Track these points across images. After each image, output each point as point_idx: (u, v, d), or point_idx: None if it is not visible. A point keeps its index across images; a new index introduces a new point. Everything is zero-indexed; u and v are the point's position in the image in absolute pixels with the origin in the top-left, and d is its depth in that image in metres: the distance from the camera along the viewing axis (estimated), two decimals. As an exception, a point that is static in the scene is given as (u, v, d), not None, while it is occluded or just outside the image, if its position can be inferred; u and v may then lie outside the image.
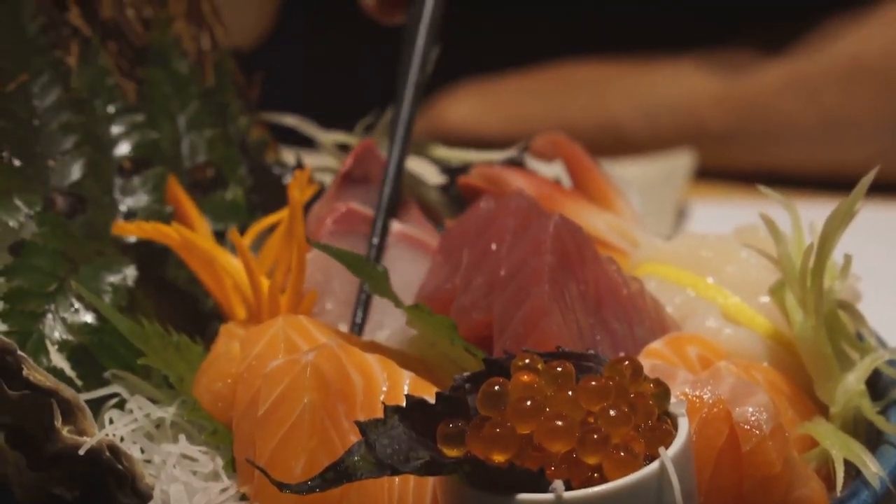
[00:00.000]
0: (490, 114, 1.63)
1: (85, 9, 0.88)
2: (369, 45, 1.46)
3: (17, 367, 0.69)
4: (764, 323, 0.79)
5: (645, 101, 1.59)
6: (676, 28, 1.61)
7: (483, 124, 1.63)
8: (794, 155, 1.53)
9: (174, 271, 0.86)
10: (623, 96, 1.60)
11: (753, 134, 1.53)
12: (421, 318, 0.75)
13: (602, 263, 0.80)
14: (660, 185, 1.45)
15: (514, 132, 1.59)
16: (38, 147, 0.82)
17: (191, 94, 0.91)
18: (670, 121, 1.57)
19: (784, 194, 1.51)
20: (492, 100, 1.64)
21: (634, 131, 1.59)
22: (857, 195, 0.75)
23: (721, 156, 1.54)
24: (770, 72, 1.53)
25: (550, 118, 1.60)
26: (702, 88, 1.56)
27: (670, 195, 1.42)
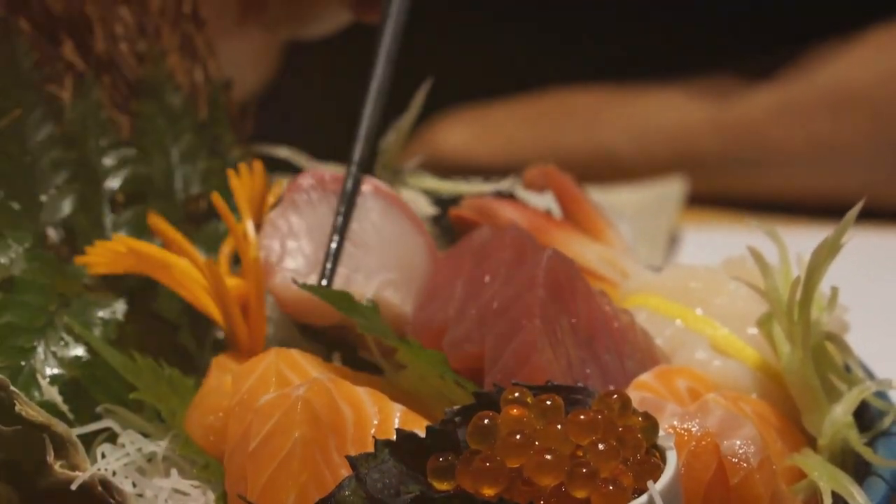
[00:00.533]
0: (483, 140, 1.64)
1: (79, 43, 0.89)
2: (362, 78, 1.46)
3: (10, 403, 0.69)
4: (753, 354, 0.80)
5: (637, 127, 1.60)
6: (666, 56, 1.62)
7: (476, 150, 1.64)
8: (786, 181, 1.54)
9: (165, 305, 0.86)
10: (615, 123, 1.61)
11: (745, 160, 1.54)
12: (412, 352, 0.76)
13: (593, 296, 0.81)
14: (652, 211, 1.46)
15: (506, 158, 1.61)
16: (30, 183, 0.83)
17: (184, 126, 0.92)
18: (662, 147, 1.59)
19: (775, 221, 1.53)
20: (484, 126, 1.65)
21: (627, 157, 1.60)
22: (843, 228, 0.75)
23: (713, 182, 1.55)
24: (761, 98, 1.54)
25: (543, 144, 1.61)
26: (693, 115, 1.57)
27: (663, 221, 1.43)
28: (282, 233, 0.81)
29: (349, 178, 0.84)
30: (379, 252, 0.83)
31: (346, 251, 0.82)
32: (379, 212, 0.84)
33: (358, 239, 0.82)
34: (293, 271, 0.80)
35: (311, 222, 0.82)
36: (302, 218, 0.82)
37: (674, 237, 1.45)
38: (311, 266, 0.81)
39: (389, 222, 0.84)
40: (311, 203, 0.83)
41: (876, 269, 1.32)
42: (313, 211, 0.83)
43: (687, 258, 1.40)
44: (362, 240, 0.83)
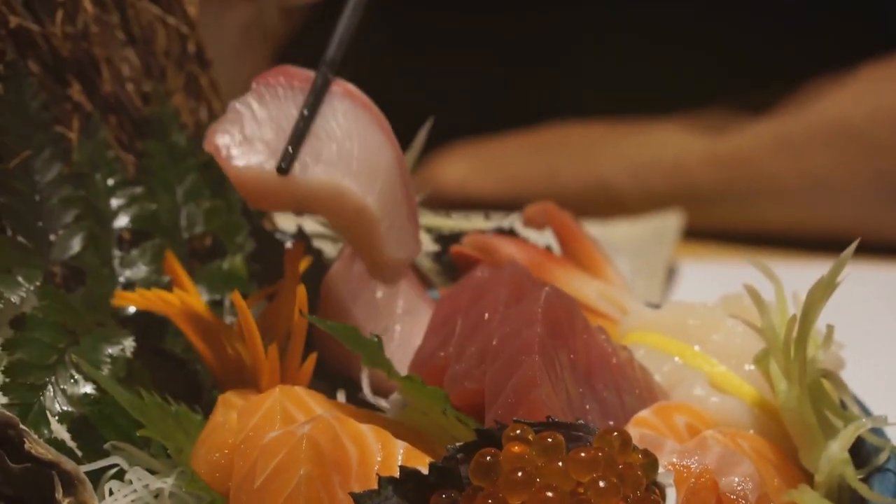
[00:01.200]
0: (482, 174, 1.66)
1: (86, 84, 0.91)
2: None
3: (19, 441, 0.70)
4: (750, 391, 0.81)
5: (634, 161, 1.62)
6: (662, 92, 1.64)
7: (476, 184, 1.65)
8: (782, 215, 1.55)
9: (172, 341, 0.87)
10: (613, 157, 1.63)
11: (741, 194, 1.56)
12: (414, 389, 0.77)
13: (592, 333, 0.82)
14: (650, 245, 1.48)
15: (506, 192, 1.62)
16: (40, 222, 0.84)
17: (189, 165, 0.93)
18: (660, 181, 1.60)
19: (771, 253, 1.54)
20: (484, 160, 1.67)
21: (625, 191, 1.62)
22: (838, 267, 0.77)
23: (709, 215, 1.57)
24: (756, 132, 1.56)
25: (542, 178, 1.63)
26: (690, 149, 1.59)
27: (661, 255, 1.44)
28: (243, 120, 0.80)
29: (319, 75, 0.83)
30: (341, 146, 0.81)
31: (308, 141, 0.80)
32: (345, 111, 0.83)
33: (321, 132, 0.81)
34: (253, 156, 0.79)
35: (275, 114, 0.81)
36: (265, 108, 0.81)
37: (671, 270, 1.47)
38: (271, 153, 0.79)
39: (355, 121, 0.83)
40: (276, 96, 0.82)
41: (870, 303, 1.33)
42: (278, 104, 0.82)
43: (684, 291, 1.41)
44: (326, 133, 0.82)
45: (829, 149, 1.50)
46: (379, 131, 0.84)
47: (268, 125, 0.80)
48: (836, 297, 0.79)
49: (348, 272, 0.90)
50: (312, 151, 0.80)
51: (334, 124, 0.81)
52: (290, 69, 0.84)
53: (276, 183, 0.78)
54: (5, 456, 0.70)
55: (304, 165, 0.79)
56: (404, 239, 0.85)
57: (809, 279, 0.78)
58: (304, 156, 0.80)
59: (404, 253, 0.85)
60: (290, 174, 0.79)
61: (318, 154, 0.80)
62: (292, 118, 0.81)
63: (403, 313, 0.91)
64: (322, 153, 0.80)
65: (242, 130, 0.80)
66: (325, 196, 0.80)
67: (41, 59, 0.88)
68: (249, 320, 0.80)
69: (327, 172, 0.80)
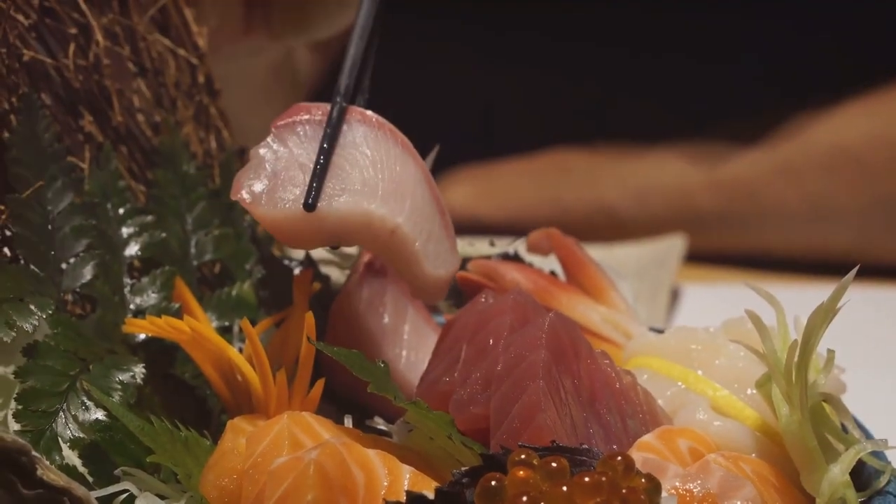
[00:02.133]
0: (487, 199, 1.67)
1: (97, 115, 0.92)
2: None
3: (32, 467, 0.71)
4: (752, 415, 0.82)
5: (637, 185, 1.63)
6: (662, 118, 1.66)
7: (480, 208, 1.67)
8: (783, 238, 1.57)
9: (182, 367, 0.88)
10: (615, 181, 1.65)
11: (742, 218, 1.57)
12: (420, 414, 0.78)
13: (595, 358, 0.83)
14: (654, 268, 1.49)
15: (511, 216, 1.64)
16: (52, 250, 0.85)
17: (198, 194, 0.95)
18: (662, 204, 1.62)
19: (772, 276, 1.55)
20: (488, 185, 1.68)
21: (627, 215, 1.63)
22: (838, 293, 0.78)
23: (712, 239, 1.58)
24: (756, 158, 1.57)
25: (546, 203, 1.64)
26: (691, 173, 1.61)
27: (665, 278, 1.45)
28: (266, 164, 0.81)
29: (334, 107, 0.84)
30: (365, 172, 0.83)
31: (331, 173, 0.81)
32: (365, 136, 0.84)
33: (344, 162, 0.83)
34: (280, 198, 0.80)
35: (297, 152, 0.82)
36: (287, 148, 0.82)
37: (675, 292, 1.48)
38: (297, 193, 0.81)
39: (376, 145, 0.84)
40: (296, 135, 0.83)
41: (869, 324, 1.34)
42: (299, 142, 0.83)
43: (687, 313, 1.42)
44: (348, 162, 0.83)
45: (827, 174, 1.52)
46: (401, 150, 0.85)
47: (291, 165, 0.82)
48: (838, 319, 0.80)
49: (356, 298, 0.92)
50: (337, 182, 0.81)
51: (355, 152, 0.82)
52: (306, 105, 0.85)
53: (305, 220, 0.80)
54: (18, 482, 0.71)
55: (330, 198, 0.81)
56: (442, 254, 0.86)
57: (810, 301, 0.79)
58: (328, 188, 0.81)
59: (444, 269, 0.86)
60: (318, 209, 0.80)
61: (343, 184, 0.81)
62: (314, 153, 0.82)
63: (410, 338, 0.93)
64: (347, 183, 0.82)
65: (267, 174, 0.81)
66: (355, 225, 0.81)
67: (54, 91, 0.90)
68: (258, 347, 0.82)
69: (354, 201, 0.81)
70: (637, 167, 1.65)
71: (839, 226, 1.53)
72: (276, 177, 0.81)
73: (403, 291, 0.93)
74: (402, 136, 0.86)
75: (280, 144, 0.82)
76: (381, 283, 0.92)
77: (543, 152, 1.71)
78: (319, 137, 0.83)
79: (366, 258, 0.92)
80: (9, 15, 0.86)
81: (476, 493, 0.67)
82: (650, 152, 1.65)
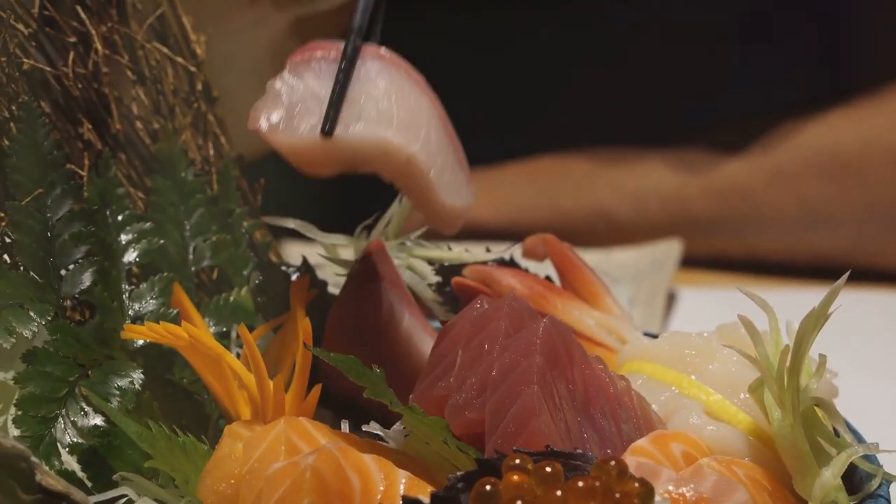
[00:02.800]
0: (484, 203, 1.68)
1: (96, 123, 0.93)
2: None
3: (31, 472, 0.72)
4: (745, 419, 0.83)
5: (633, 189, 1.64)
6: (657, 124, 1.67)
7: (478, 214, 1.67)
8: (778, 243, 1.57)
9: (180, 372, 0.89)
10: (612, 185, 1.65)
11: (738, 223, 1.58)
12: (416, 419, 0.79)
13: (590, 363, 0.84)
14: (651, 272, 1.49)
15: (508, 221, 1.65)
16: (51, 257, 0.86)
17: (197, 201, 0.96)
18: (658, 209, 1.62)
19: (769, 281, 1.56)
20: (485, 190, 1.69)
21: (625, 220, 1.64)
22: (830, 298, 0.79)
23: (708, 243, 1.59)
24: (751, 163, 1.58)
25: (542, 208, 1.65)
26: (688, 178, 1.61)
27: (661, 282, 1.46)
28: (283, 97, 0.82)
29: (348, 43, 0.85)
30: (380, 104, 0.84)
31: (347, 105, 0.83)
32: (379, 72, 0.85)
33: (359, 95, 0.84)
34: (297, 126, 0.82)
35: (313, 84, 0.83)
36: (303, 81, 0.83)
37: (671, 296, 1.48)
38: (314, 121, 0.82)
39: (390, 80, 0.85)
40: (311, 69, 0.84)
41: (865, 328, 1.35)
42: (314, 76, 0.84)
43: (683, 317, 1.43)
44: (363, 95, 0.84)
45: (822, 179, 1.53)
46: (415, 87, 0.87)
47: (307, 96, 0.83)
48: (832, 323, 0.81)
49: (353, 303, 0.92)
50: (353, 113, 0.83)
51: (370, 86, 0.83)
52: (321, 43, 0.86)
53: (323, 147, 0.81)
54: (17, 487, 0.72)
55: (347, 126, 0.82)
56: (456, 186, 0.88)
57: (806, 305, 0.80)
58: (345, 117, 0.82)
59: (459, 200, 0.88)
60: (335, 136, 0.81)
61: (359, 114, 0.83)
62: (330, 86, 0.83)
63: (407, 343, 0.93)
64: (362, 113, 0.83)
65: (284, 105, 0.82)
66: (371, 151, 0.83)
67: (53, 99, 0.90)
68: (255, 353, 0.82)
69: (370, 129, 0.82)
70: (636, 171, 1.66)
71: (834, 231, 1.53)
72: (293, 107, 0.82)
73: (400, 297, 0.94)
74: (417, 74, 0.88)
75: (296, 78, 0.84)
76: (377, 289, 0.93)
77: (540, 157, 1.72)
78: (335, 72, 0.84)
79: (362, 264, 0.93)
80: (9, 24, 0.87)
81: (471, 497, 0.68)
82: (648, 157, 1.66)
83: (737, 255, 1.58)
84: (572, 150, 1.71)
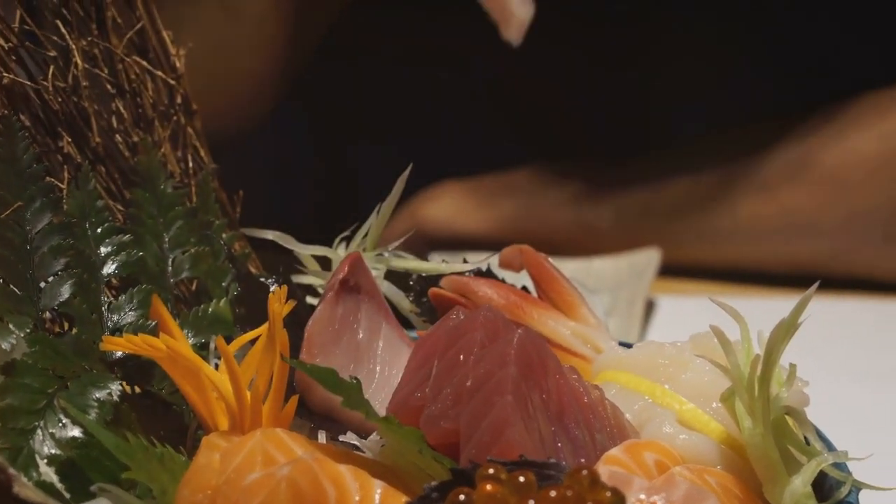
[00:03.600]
0: (466, 211, 1.69)
1: (76, 136, 0.94)
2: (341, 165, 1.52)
3: (9, 484, 0.72)
4: (717, 428, 0.84)
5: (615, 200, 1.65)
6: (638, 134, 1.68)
7: (460, 222, 1.68)
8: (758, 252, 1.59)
9: (158, 383, 0.90)
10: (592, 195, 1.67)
11: (718, 231, 1.59)
12: (391, 430, 0.80)
13: (564, 373, 0.85)
14: (631, 280, 1.51)
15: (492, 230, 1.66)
16: (30, 270, 0.87)
17: (176, 213, 0.96)
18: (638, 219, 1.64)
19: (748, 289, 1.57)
20: (470, 199, 1.70)
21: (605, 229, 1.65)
22: (799, 308, 0.80)
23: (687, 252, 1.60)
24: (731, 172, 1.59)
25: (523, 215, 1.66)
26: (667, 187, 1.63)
27: (640, 290, 1.47)
28: None
29: None
30: None
31: None
32: None
33: None
34: None
35: None
36: None
37: (650, 305, 1.50)
38: None
39: None
40: None
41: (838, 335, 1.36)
42: None
43: (662, 325, 1.44)
44: None
45: (801, 189, 1.54)
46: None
47: None
48: (808, 329, 0.82)
49: (332, 315, 0.93)
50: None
51: None
52: None
53: None
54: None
55: None
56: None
57: (784, 313, 0.81)
58: None
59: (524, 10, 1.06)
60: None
61: None
62: None
63: (384, 354, 0.94)
64: None
65: None
66: None
67: (33, 113, 0.91)
68: (233, 364, 0.83)
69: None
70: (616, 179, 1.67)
71: (813, 240, 1.55)
72: None
73: (377, 308, 0.95)
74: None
75: None
76: (355, 301, 0.94)
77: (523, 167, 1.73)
78: None
79: (340, 276, 0.93)
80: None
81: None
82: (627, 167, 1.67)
83: (717, 264, 1.59)
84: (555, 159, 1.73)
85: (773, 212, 1.56)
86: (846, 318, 1.42)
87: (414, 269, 1.02)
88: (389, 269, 1.01)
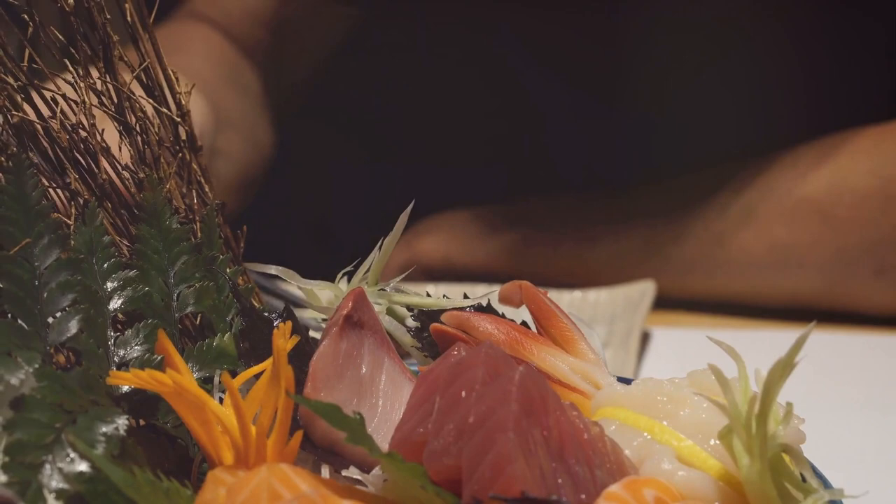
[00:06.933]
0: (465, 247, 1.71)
1: (83, 173, 0.95)
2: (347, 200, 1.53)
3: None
4: (715, 465, 0.85)
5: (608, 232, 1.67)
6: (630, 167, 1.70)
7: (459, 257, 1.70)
8: (749, 285, 1.61)
9: (164, 417, 0.91)
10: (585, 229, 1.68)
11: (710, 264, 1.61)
12: (394, 465, 0.81)
13: (564, 410, 0.86)
14: (625, 313, 1.52)
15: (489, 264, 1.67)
16: (38, 305, 0.88)
17: (181, 249, 0.98)
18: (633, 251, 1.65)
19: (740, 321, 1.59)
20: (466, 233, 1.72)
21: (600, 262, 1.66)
22: (796, 348, 0.81)
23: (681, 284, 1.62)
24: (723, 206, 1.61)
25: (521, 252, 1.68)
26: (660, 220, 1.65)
27: (636, 323, 1.49)
28: None
29: None
30: None
31: None
32: None
33: None
34: None
35: None
36: None
37: (645, 337, 1.51)
38: None
39: None
40: None
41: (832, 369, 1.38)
42: None
43: (657, 357, 1.46)
44: None
45: (792, 223, 1.56)
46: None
47: None
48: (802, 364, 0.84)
49: (335, 351, 0.95)
50: None
51: None
52: None
53: None
54: (4, 533, 0.73)
55: None
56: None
57: (778, 345, 0.82)
58: None
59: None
60: None
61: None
62: None
63: (386, 388, 0.95)
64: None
65: None
66: None
67: (41, 150, 0.92)
68: (238, 399, 0.84)
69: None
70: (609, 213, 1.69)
71: (805, 273, 1.57)
72: None
73: (380, 343, 0.96)
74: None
75: None
76: (358, 335, 0.95)
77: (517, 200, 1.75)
78: None
79: (344, 311, 0.95)
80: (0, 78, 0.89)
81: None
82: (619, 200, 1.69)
83: (710, 297, 1.61)
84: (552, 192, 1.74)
85: (765, 245, 1.58)
86: (838, 352, 1.43)
87: (415, 304, 1.03)
88: (391, 304, 1.02)
